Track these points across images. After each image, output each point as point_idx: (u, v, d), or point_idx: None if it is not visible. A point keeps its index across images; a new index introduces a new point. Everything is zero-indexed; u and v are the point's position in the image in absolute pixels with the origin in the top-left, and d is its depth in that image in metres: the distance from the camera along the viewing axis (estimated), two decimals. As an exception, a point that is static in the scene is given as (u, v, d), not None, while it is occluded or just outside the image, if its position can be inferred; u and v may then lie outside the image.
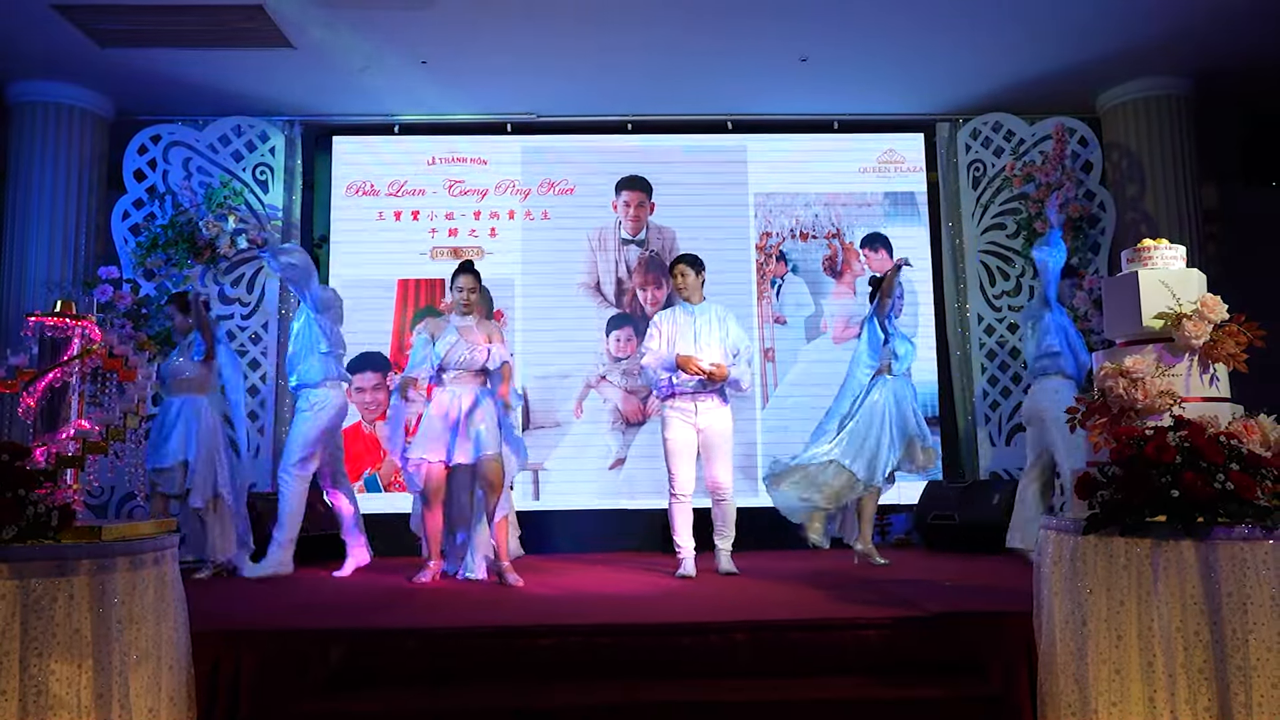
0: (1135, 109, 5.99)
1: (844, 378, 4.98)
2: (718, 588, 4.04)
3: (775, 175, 6.53)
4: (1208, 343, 2.69)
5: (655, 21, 5.19)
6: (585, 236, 6.41)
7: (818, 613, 3.15)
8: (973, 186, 6.31)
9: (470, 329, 4.39)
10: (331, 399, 4.76)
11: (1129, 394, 2.64)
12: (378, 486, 6.11)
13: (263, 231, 5.66)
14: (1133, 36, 5.39)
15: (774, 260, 6.44)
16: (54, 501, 2.25)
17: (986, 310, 6.18)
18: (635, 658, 2.87)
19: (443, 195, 6.44)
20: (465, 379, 4.34)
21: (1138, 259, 2.93)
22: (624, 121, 6.41)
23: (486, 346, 4.36)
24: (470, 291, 4.42)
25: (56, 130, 5.79)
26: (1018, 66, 5.79)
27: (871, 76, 5.93)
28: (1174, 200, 5.87)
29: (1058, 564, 2.51)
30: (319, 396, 4.72)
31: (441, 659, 2.85)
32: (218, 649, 2.70)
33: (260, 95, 6.00)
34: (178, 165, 5.99)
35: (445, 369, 4.34)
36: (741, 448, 6.21)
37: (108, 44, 5.31)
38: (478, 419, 4.25)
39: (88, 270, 5.76)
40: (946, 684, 2.80)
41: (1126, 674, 2.29)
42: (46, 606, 2.09)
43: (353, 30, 5.23)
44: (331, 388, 4.77)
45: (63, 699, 2.08)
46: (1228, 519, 2.28)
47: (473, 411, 4.27)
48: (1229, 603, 2.21)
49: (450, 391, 4.33)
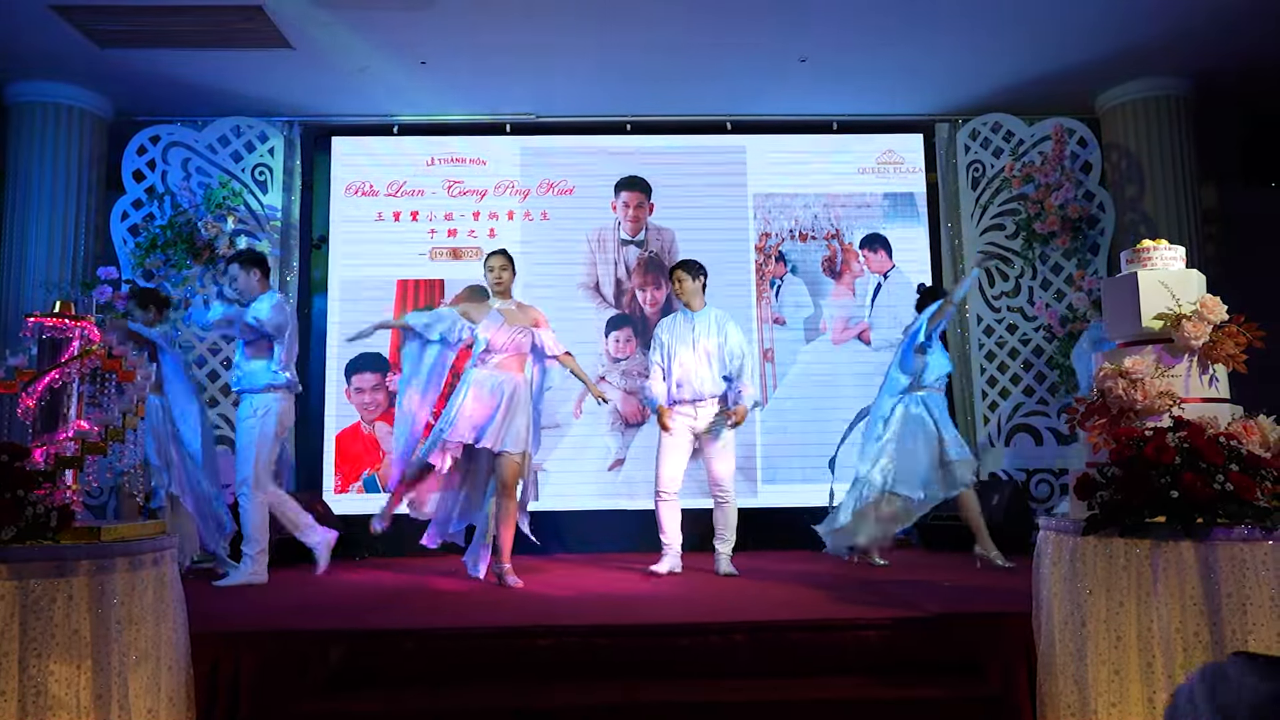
0: (1134, 110, 5.99)
1: (878, 392, 4.86)
2: (717, 588, 4.04)
3: (774, 176, 6.53)
4: (1207, 343, 2.69)
5: (654, 22, 5.19)
6: (584, 237, 6.41)
7: (817, 613, 3.15)
8: (972, 187, 6.31)
9: (514, 312, 4.37)
10: (276, 405, 4.48)
11: (1128, 395, 2.64)
12: (376, 487, 6.11)
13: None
14: (1132, 37, 5.39)
15: (773, 261, 6.44)
16: (53, 502, 2.25)
17: (985, 311, 6.18)
18: (634, 658, 2.87)
19: (442, 196, 6.44)
20: (509, 364, 4.31)
21: (1137, 260, 2.93)
22: (623, 122, 6.41)
23: (531, 329, 4.35)
24: (502, 270, 4.39)
25: (55, 131, 5.79)
26: (1017, 67, 5.80)
27: (871, 77, 5.93)
28: (1173, 201, 5.88)
29: (1057, 565, 2.51)
30: (262, 402, 4.46)
31: (440, 659, 2.86)
32: (217, 649, 2.70)
33: (259, 96, 6.00)
34: (177, 166, 5.98)
35: (491, 352, 4.30)
36: (741, 448, 6.20)
37: (107, 44, 5.31)
38: (518, 413, 4.22)
39: (87, 271, 5.75)
40: (946, 684, 2.80)
41: (1126, 675, 2.29)
42: (45, 607, 2.09)
43: (352, 31, 5.23)
44: (277, 394, 4.50)
45: (62, 699, 2.07)
46: (1227, 520, 2.28)
47: (514, 402, 4.23)
48: (1229, 603, 2.21)
49: (494, 376, 4.27)
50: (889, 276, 6.43)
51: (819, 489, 6.14)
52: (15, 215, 5.75)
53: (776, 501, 6.14)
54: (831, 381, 6.30)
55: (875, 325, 6.37)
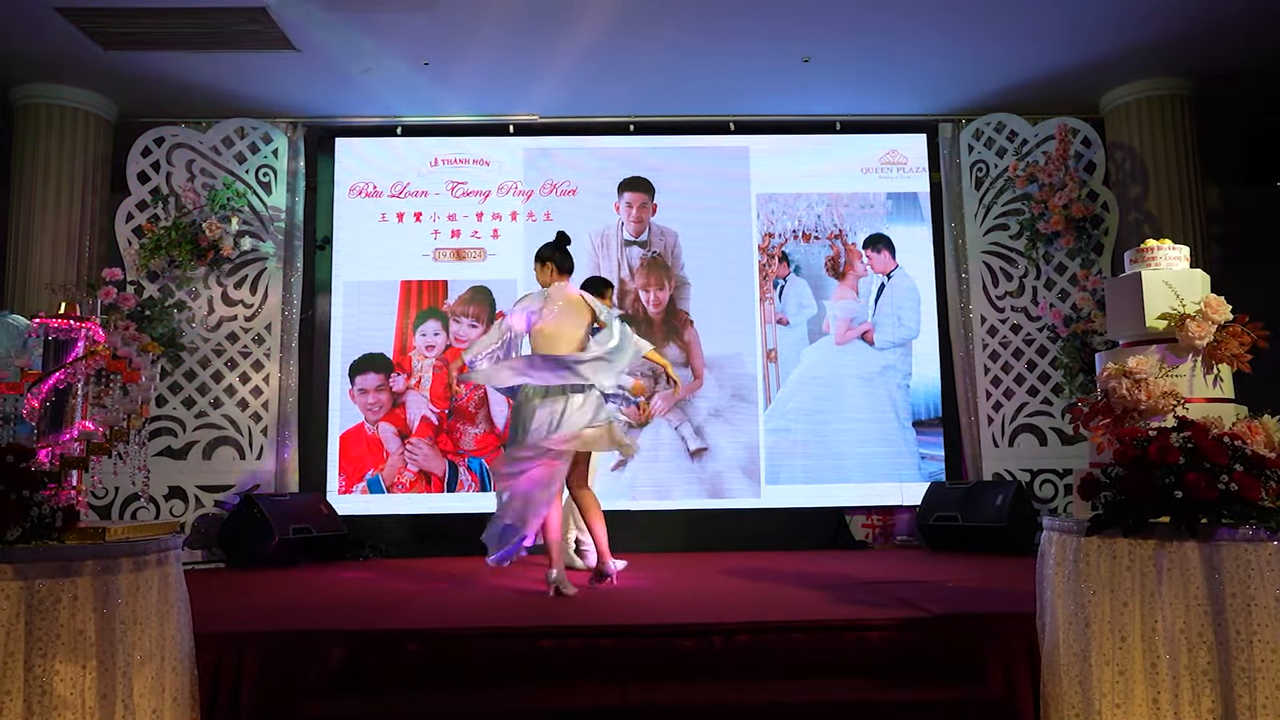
0: (1138, 109, 5.98)
1: None
2: (719, 589, 4.04)
3: (778, 176, 6.53)
4: (1211, 343, 2.69)
5: (657, 22, 5.19)
6: (587, 238, 6.41)
7: (820, 614, 3.14)
8: (975, 187, 6.30)
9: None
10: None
11: (1132, 395, 2.64)
12: (381, 488, 6.12)
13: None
14: (1136, 37, 5.39)
15: (776, 261, 6.44)
16: (58, 503, 2.26)
17: (989, 311, 6.17)
18: (637, 659, 2.87)
19: (445, 197, 6.45)
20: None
21: (1141, 260, 2.93)
22: (626, 122, 6.41)
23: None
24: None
25: (60, 132, 5.80)
26: (1020, 67, 5.79)
27: (874, 77, 5.93)
28: (1177, 201, 5.87)
29: (1061, 565, 2.51)
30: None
31: (443, 661, 2.86)
32: (220, 650, 2.71)
33: (263, 97, 6.01)
34: (181, 167, 5.99)
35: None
36: (745, 449, 6.23)
37: (111, 46, 5.32)
38: (589, 408, 3.98)
39: (91, 272, 5.76)
40: (948, 686, 2.79)
41: (1130, 676, 2.29)
42: (51, 607, 2.09)
43: (356, 32, 5.24)
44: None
45: (67, 699, 2.08)
46: (1231, 520, 2.27)
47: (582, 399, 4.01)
48: (1233, 604, 2.21)
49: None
50: (892, 277, 6.42)
51: (822, 489, 6.17)
52: (20, 216, 5.77)
53: (780, 501, 6.14)
54: (835, 382, 6.30)
55: (879, 325, 6.36)
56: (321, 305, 6.34)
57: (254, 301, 6.04)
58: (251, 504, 5.32)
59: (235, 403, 5.91)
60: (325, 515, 5.70)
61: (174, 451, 5.76)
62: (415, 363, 6.27)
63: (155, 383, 5.56)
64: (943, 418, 6.27)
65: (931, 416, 6.29)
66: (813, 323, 6.39)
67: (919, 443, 6.24)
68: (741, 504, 6.14)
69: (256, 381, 5.98)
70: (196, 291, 5.90)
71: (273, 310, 6.05)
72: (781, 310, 6.39)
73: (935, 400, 6.29)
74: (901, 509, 6.18)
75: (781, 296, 6.41)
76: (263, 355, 6.01)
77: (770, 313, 6.39)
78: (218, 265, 5.92)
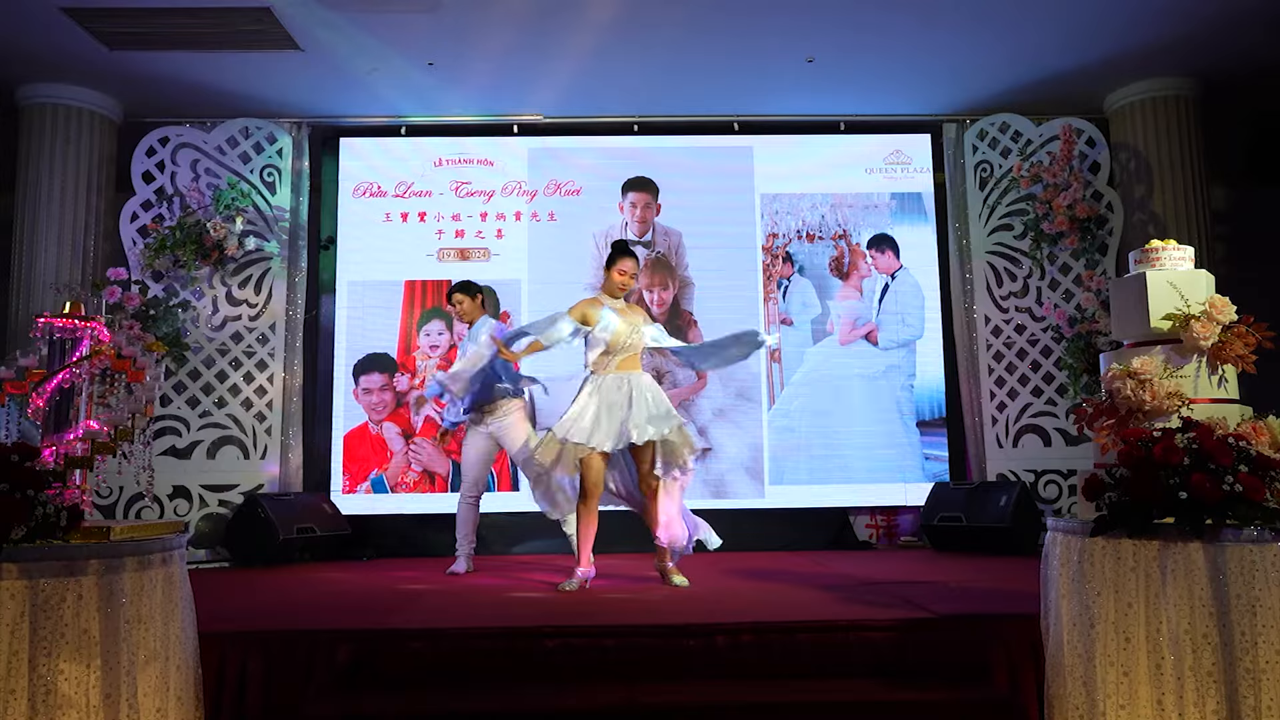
0: (1143, 110, 5.97)
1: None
2: (723, 589, 4.03)
3: (782, 176, 6.52)
4: (1216, 344, 2.68)
5: (661, 22, 5.20)
6: (592, 238, 6.41)
7: (824, 614, 3.14)
8: (980, 187, 6.30)
9: (628, 311, 4.31)
10: None
11: (1137, 395, 2.63)
12: (384, 487, 6.13)
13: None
14: (1140, 37, 5.38)
15: (780, 261, 6.44)
16: (62, 502, 2.26)
17: (994, 311, 6.16)
18: (641, 659, 2.87)
19: (449, 196, 6.46)
20: (630, 363, 4.24)
21: (1146, 260, 2.92)
22: (630, 123, 6.41)
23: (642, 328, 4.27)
24: (633, 277, 4.34)
25: (65, 132, 5.82)
26: (1025, 67, 5.78)
27: (878, 77, 5.92)
28: (1182, 201, 5.86)
29: (1065, 566, 2.50)
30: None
31: (447, 660, 2.86)
32: (225, 649, 2.71)
33: (268, 97, 6.02)
34: (186, 167, 6.01)
35: (612, 353, 4.21)
36: (749, 449, 6.23)
37: (116, 46, 5.33)
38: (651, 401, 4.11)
39: (96, 272, 5.78)
40: (953, 686, 2.79)
41: (1134, 676, 2.28)
42: (55, 607, 2.10)
43: (360, 32, 5.25)
44: None
45: (71, 698, 2.08)
46: (1236, 521, 2.27)
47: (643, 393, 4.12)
48: (1238, 605, 2.20)
49: (616, 376, 4.19)
50: (896, 277, 6.42)
51: (826, 489, 6.16)
52: (25, 216, 5.78)
53: (783, 502, 6.14)
54: (839, 382, 6.30)
55: (883, 326, 6.36)
56: (326, 305, 6.35)
57: (258, 301, 6.05)
58: (255, 503, 5.34)
59: (239, 402, 5.92)
60: (329, 515, 5.71)
61: (178, 451, 5.78)
62: (419, 363, 6.28)
63: (160, 382, 5.58)
64: (947, 418, 6.26)
65: (936, 417, 6.28)
66: (817, 323, 6.38)
67: (923, 443, 6.24)
68: (745, 504, 6.13)
69: (261, 381, 5.99)
70: (201, 291, 5.91)
71: (277, 310, 6.07)
72: (785, 310, 6.39)
73: (939, 400, 6.29)
74: (905, 509, 6.18)
75: (785, 296, 6.41)
76: (267, 355, 6.02)
77: (774, 313, 6.38)
78: (222, 265, 5.93)
